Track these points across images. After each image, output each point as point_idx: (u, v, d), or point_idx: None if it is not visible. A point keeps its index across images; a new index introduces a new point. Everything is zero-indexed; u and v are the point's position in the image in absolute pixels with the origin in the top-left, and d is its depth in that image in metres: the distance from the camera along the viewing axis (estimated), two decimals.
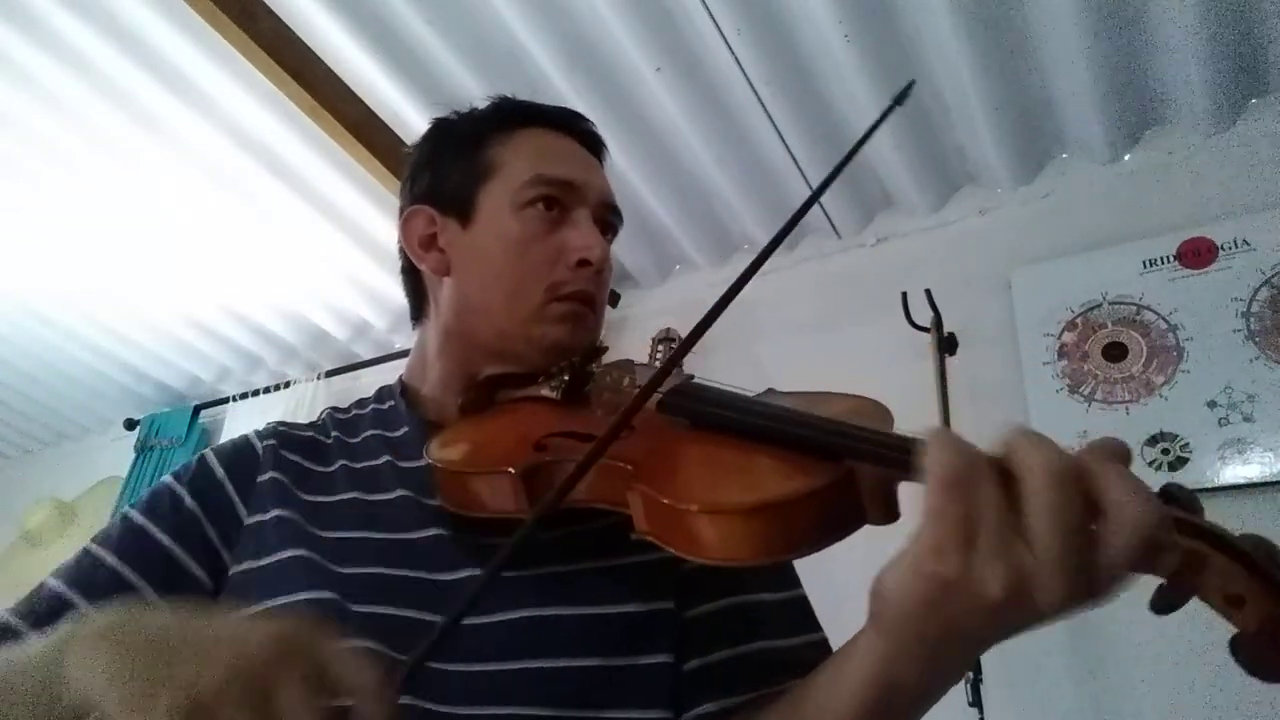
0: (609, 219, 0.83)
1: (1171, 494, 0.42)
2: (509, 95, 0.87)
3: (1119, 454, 0.42)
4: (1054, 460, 0.39)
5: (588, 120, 0.87)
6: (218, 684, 0.39)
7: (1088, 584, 0.39)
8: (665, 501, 0.52)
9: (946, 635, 0.43)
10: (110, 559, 0.67)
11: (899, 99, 0.69)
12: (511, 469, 0.60)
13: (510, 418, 0.72)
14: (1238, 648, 0.39)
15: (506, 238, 0.76)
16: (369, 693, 0.41)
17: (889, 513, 0.50)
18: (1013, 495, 0.40)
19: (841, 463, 0.50)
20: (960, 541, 0.40)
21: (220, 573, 0.69)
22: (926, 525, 0.41)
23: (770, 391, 0.65)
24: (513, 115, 0.83)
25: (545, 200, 0.77)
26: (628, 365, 0.73)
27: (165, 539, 0.68)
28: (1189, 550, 0.40)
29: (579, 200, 0.79)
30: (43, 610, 0.64)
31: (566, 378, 0.71)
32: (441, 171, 0.82)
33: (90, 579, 0.66)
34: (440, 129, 0.86)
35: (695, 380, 0.67)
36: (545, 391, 0.72)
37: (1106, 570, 0.39)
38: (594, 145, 0.86)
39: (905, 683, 0.48)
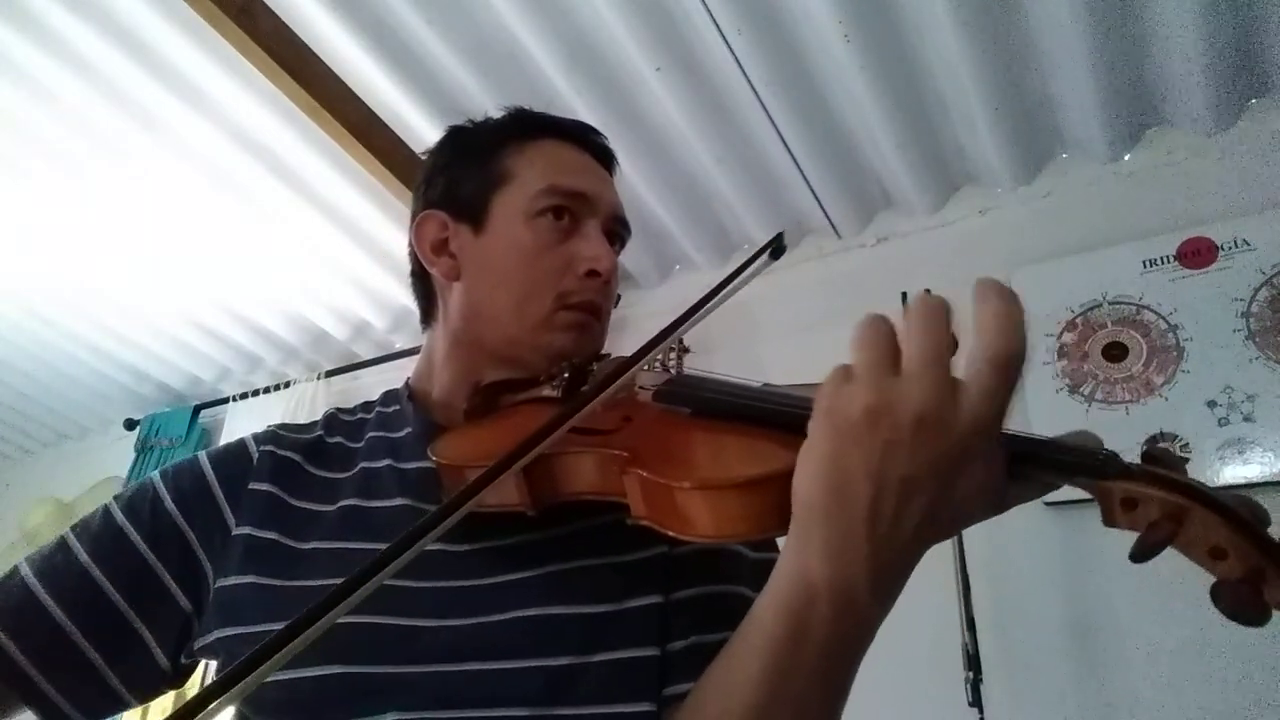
0: (618, 231, 0.83)
1: (1154, 455, 0.45)
2: (518, 104, 0.88)
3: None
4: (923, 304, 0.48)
5: (601, 134, 0.88)
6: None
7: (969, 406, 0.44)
8: (659, 481, 0.53)
9: (843, 510, 0.45)
10: (83, 557, 0.68)
11: (773, 253, 0.74)
12: None
13: (514, 418, 0.73)
14: (1220, 594, 0.42)
15: (518, 245, 0.77)
16: None
17: None
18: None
19: None
20: (842, 377, 0.46)
21: (198, 578, 0.69)
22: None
23: (767, 385, 0.66)
24: (529, 126, 0.84)
25: (556, 210, 0.78)
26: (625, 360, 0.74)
27: (142, 544, 0.69)
28: (1171, 504, 0.42)
29: (590, 211, 0.80)
30: (12, 603, 0.66)
31: (567, 375, 0.72)
32: (456, 178, 0.83)
33: (61, 575, 0.67)
34: (456, 136, 0.87)
35: (694, 373, 0.69)
36: (547, 391, 0.73)
37: (980, 393, 0.44)
38: (606, 159, 0.87)
39: (815, 580, 0.46)
